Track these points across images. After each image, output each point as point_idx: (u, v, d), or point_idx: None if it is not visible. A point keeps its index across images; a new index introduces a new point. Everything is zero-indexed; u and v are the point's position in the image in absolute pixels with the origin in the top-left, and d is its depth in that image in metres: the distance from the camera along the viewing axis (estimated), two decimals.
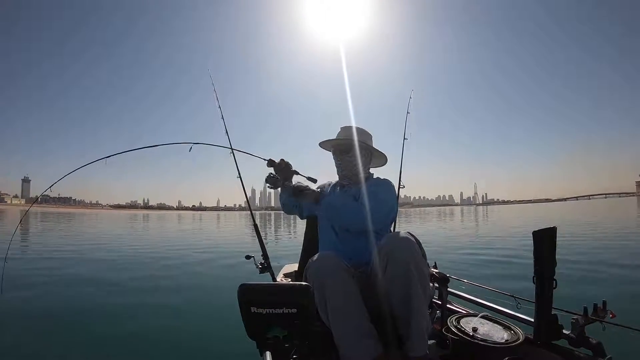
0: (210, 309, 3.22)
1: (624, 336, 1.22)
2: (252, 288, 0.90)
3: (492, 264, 5.23)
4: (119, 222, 23.29)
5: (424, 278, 1.27)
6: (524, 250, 6.08)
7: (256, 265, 1.92)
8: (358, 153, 1.59)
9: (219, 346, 2.35)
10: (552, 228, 1.19)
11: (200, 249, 7.98)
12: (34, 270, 5.00)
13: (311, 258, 1.31)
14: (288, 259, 3.35)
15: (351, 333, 1.18)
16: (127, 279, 4.47)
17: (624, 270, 4.43)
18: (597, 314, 1.17)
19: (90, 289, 3.92)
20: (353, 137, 1.59)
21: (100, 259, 6.18)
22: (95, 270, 5.07)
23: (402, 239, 1.26)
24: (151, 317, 2.98)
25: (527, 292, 1.43)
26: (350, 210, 1.44)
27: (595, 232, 9.43)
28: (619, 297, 3.18)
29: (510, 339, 1.26)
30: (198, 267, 5.49)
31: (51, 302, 3.40)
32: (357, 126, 1.65)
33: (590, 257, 5.31)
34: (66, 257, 6.35)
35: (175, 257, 6.54)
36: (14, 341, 2.42)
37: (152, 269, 5.35)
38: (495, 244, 7.74)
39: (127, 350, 2.31)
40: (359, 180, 1.61)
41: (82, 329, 2.67)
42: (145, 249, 7.90)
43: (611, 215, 17.41)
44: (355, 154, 1.60)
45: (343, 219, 1.48)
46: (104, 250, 7.60)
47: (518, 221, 16.93)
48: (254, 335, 0.92)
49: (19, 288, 3.80)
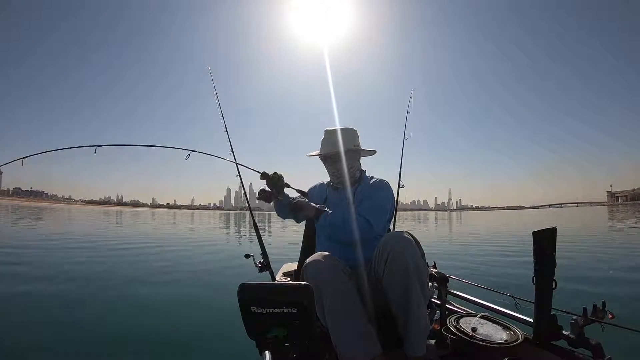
0: (209, 309, 3.22)
1: (623, 337, 1.22)
2: (252, 287, 0.89)
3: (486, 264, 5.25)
4: (100, 219, 22.99)
5: (423, 278, 1.27)
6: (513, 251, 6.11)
7: (255, 264, 1.92)
8: (345, 163, 1.58)
9: (219, 346, 2.34)
10: (552, 228, 1.18)
11: (200, 248, 7.99)
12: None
13: (308, 258, 1.31)
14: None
15: (349, 333, 1.18)
16: (123, 279, 4.45)
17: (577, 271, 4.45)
18: (596, 315, 1.18)
19: (88, 289, 3.91)
20: (339, 143, 1.57)
21: (92, 259, 6.14)
22: (89, 270, 5.04)
23: (401, 239, 1.26)
24: (150, 317, 2.97)
25: (526, 293, 1.43)
26: (351, 229, 1.40)
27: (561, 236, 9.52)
28: (610, 298, 3.19)
29: (509, 339, 1.26)
30: (197, 267, 5.48)
31: (48, 299, 3.39)
32: (342, 127, 1.62)
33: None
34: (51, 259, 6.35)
35: (174, 257, 6.54)
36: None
37: (150, 268, 5.33)
38: (487, 244, 7.76)
39: (127, 350, 2.30)
40: (353, 182, 1.62)
41: (81, 329, 2.66)
42: (140, 247, 7.87)
43: (576, 221, 18.74)
44: (344, 162, 1.58)
45: (344, 237, 1.45)
46: (95, 249, 7.44)
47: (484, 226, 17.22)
48: (254, 334, 0.92)
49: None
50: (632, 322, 1.17)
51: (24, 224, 14.74)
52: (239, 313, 0.89)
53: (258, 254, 1.96)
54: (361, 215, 1.42)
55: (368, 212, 1.44)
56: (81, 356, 2.20)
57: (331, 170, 1.65)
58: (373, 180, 1.64)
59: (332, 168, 1.63)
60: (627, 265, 4.84)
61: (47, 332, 2.55)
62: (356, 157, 1.66)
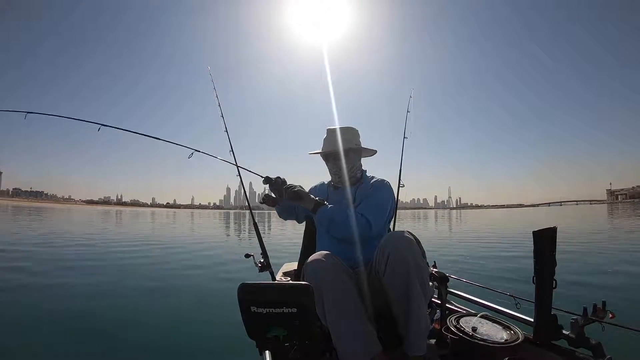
0: (209, 308, 3.22)
1: (623, 336, 1.22)
2: (252, 287, 0.89)
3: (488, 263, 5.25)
4: (100, 219, 23.08)
5: (424, 277, 1.27)
6: (520, 250, 6.11)
7: (255, 263, 1.91)
8: (345, 161, 1.58)
9: (219, 346, 2.35)
10: (552, 228, 1.18)
11: (199, 248, 7.99)
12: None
13: (308, 258, 1.31)
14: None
15: (350, 333, 1.18)
16: (122, 279, 4.45)
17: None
18: (596, 315, 1.17)
19: (88, 289, 3.91)
20: (341, 141, 1.58)
21: (90, 260, 6.13)
22: (89, 270, 5.05)
23: (401, 238, 1.26)
24: (150, 317, 2.97)
25: (526, 292, 1.43)
26: (349, 225, 1.40)
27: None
28: (611, 298, 3.19)
29: (509, 338, 1.26)
30: (197, 266, 5.48)
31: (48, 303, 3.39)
32: (343, 126, 1.63)
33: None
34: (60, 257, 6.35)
35: (174, 256, 6.54)
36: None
37: (150, 268, 5.33)
38: (492, 244, 7.76)
39: (127, 350, 2.30)
40: (354, 182, 1.63)
41: (81, 329, 2.66)
42: (140, 247, 7.87)
43: (576, 219, 19.07)
44: (347, 159, 1.59)
45: (342, 233, 1.45)
46: (93, 249, 7.45)
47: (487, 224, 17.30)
48: (254, 334, 0.92)
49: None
50: (632, 322, 1.17)
51: (24, 224, 14.75)
52: (239, 313, 0.89)
53: (258, 254, 1.96)
54: (360, 213, 1.42)
55: (367, 211, 1.44)
56: (81, 356, 2.21)
57: (333, 169, 1.65)
58: (374, 180, 1.64)
59: (334, 166, 1.63)
60: (627, 265, 4.84)
61: (47, 332, 2.55)
62: (357, 156, 1.66)
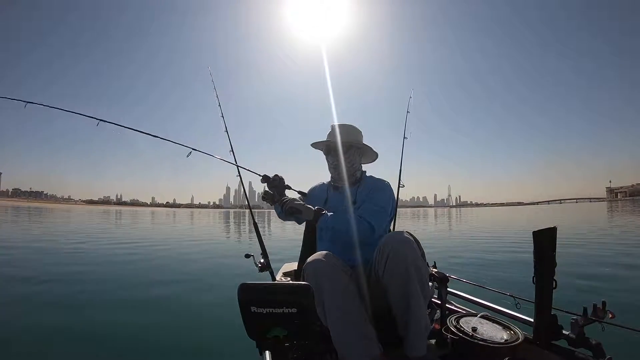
0: (209, 309, 3.21)
1: (623, 336, 1.22)
2: (252, 287, 0.89)
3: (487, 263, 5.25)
4: (99, 219, 23.05)
5: (423, 277, 1.27)
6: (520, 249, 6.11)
7: (256, 264, 1.91)
8: (343, 155, 1.59)
9: (219, 346, 2.34)
10: (552, 228, 1.18)
11: (199, 248, 7.99)
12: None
13: (308, 258, 1.31)
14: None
15: (350, 333, 1.18)
16: (122, 278, 4.45)
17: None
18: (596, 315, 1.17)
19: (88, 289, 3.91)
20: (343, 135, 1.60)
21: (92, 257, 6.16)
22: (89, 269, 5.05)
23: (401, 239, 1.26)
24: (150, 317, 2.96)
25: (526, 292, 1.43)
26: (352, 232, 1.40)
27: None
28: (611, 298, 3.19)
29: (509, 339, 1.26)
30: (197, 266, 5.48)
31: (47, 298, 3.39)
32: (347, 124, 1.65)
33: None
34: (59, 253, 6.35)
35: (174, 256, 6.54)
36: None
37: (149, 268, 5.33)
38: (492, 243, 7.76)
39: (126, 350, 2.30)
40: (353, 182, 1.63)
41: (80, 329, 2.66)
42: (140, 247, 7.87)
43: (575, 216, 19.32)
44: (348, 154, 1.60)
45: (346, 240, 1.44)
46: (94, 249, 7.49)
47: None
48: (254, 334, 0.92)
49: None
50: (632, 322, 1.17)
51: (24, 224, 14.74)
52: (239, 313, 0.89)
53: (258, 254, 1.96)
54: (363, 218, 1.42)
55: (370, 215, 1.43)
56: (80, 356, 2.20)
57: (332, 163, 1.64)
58: (374, 181, 1.64)
59: (334, 160, 1.63)
60: (627, 264, 4.83)
61: (47, 332, 2.55)
62: (358, 156, 1.66)
